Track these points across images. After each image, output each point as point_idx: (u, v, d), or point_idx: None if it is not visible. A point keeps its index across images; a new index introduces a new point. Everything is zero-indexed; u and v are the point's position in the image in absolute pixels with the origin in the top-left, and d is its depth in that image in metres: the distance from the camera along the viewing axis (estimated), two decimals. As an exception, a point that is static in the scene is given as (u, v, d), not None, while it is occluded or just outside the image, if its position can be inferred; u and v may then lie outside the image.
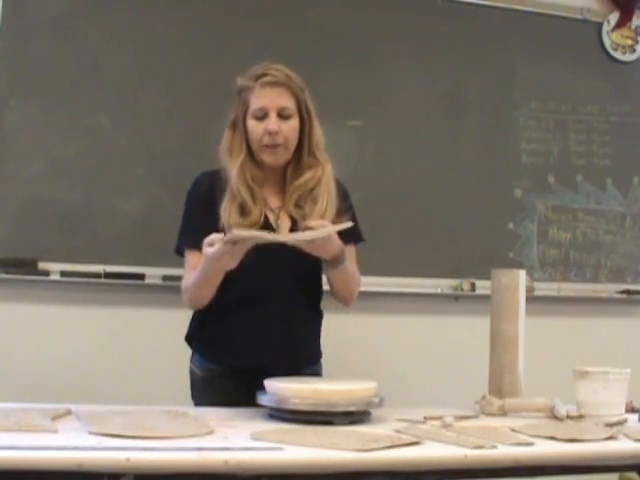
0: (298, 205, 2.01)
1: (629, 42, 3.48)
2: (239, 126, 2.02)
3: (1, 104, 2.75)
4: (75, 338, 2.80)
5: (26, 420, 1.48)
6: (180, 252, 2.05)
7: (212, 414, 1.71)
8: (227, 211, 1.95)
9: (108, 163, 2.84)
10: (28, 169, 2.76)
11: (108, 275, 2.77)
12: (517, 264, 3.17)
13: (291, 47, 3.03)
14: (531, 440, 1.54)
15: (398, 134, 3.18)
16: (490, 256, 3.17)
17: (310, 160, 2.04)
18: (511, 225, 3.30)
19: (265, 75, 1.98)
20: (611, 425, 1.71)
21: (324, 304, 2.16)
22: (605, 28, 3.45)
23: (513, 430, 1.65)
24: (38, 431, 1.41)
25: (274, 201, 2.04)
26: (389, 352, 3.09)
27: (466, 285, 3.18)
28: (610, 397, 1.86)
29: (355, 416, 1.68)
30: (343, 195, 2.09)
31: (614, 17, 3.46)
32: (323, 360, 2.16)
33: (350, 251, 2.07)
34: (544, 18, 3.37)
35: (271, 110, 1.97)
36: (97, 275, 2.77)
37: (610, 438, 1.60)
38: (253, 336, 1.99)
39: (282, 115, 1.98)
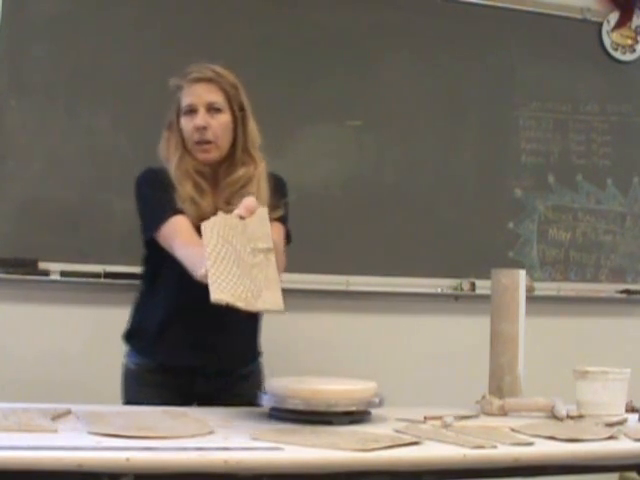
0: (228, 202, 1.99)
1: (629, 42, 3.48)
2: (174, 126, 2.05)
3: (1, 104, 2.75)
4: (75, 338, 2.80)
5: (26, 420, 1.48)
6: (152, 235, 1.97)
7: (212, 414, 1.71)
8: (180, 200, 1.95)
9: (108, 163, 2.84)
10: (28, 169, 2.77)
11: (108, 275, 2.77)
12: (517, 264, 3.16)
13: (291, 47, 3.04)
14: (531, 440, 1.54)
15: (398, 134, 3.18)
16: (490, 256, 3.17)
17: (244, 157, 2.04)
18: (511, 225, 3.30)
19: (193, 72, 2.03)
20: (611, 425, 1.71)
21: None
22: (605, 28, 3.45)
23: (513, 430, 1.65)
24: (38, 431, 1.41)
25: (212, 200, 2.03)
26: (389, 352, 3.09)
27: (466, 285, 3.18)
28: (610, 397, 1.86)
29: (355, 416, 1.68)
30: (280, 192, 2.09)
31: (614, 17, 3.46)
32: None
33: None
34: (544, 18, 3.37)
35: (199, 106, 2.00)
36: (97, 275, 2.77)
37: (610, 438, 1.60)
38: (189, 337, 2.01)
39: (211, 110, 1.99)
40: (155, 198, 2.00)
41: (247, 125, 2.05)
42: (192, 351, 2.01)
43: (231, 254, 1.63)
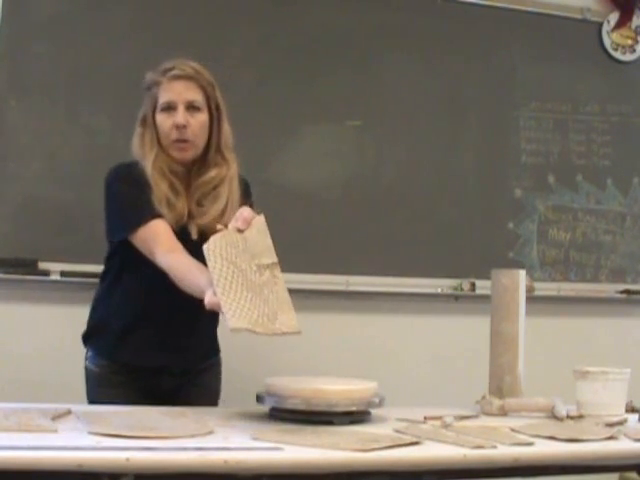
0: (199, 203, 1.98)
1: (629, 42, 3.48)
2: (149, 122, 2.02)
3: (1, 104, 2.75)
4: (75, 338, 2.79)
5: (26, 420, 1.48)
6: (127, 235, 1.93)
7: (212, 414, 1.71)
8: (157, 200, 1.92)
9: (108, 163, 2.82)
10: (28, 169, 2.76)
11: (108, 275, 2.76)
12: (517, 264, 3.16)
13: (291, 47, 3.04)
14: (531, 440, 1.54)
15: (398, 134, 3.18)
16: (490, 256, 3.16)
17: (217, 158, 2.02)
18: (511, 225, 3.30)
19: (173, 69, 1.99)
20: (611, 425, 1.71)
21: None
22: (605, 28, 3.44)
23: (513, 430, 1.65)
24: (38, 431, 1.41)
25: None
26: (389, 352, 3.09)
27: (466, 285, 3.18)
28: (610, 397, 1.87)
29: (355, 416, 1.68)
30: (245, 193, 2.08)
31: (614, 17, 3.46)
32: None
33: None
34: (544, 18, 3.36)
35: (179, 103, 1.97)
36: (97, 275, 2.75)
37: (610, 438, 1.60)
38: (156, 338, 2.00)
39: (191, 108, 1.97)
40: (130, 197, 1.96)
41: (222, 125, 2.03)
42: (159, 352, 2.00)
43: (238, 276, 1.60)
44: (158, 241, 1.88)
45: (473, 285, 3.17)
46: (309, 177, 3.04)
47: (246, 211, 1.71)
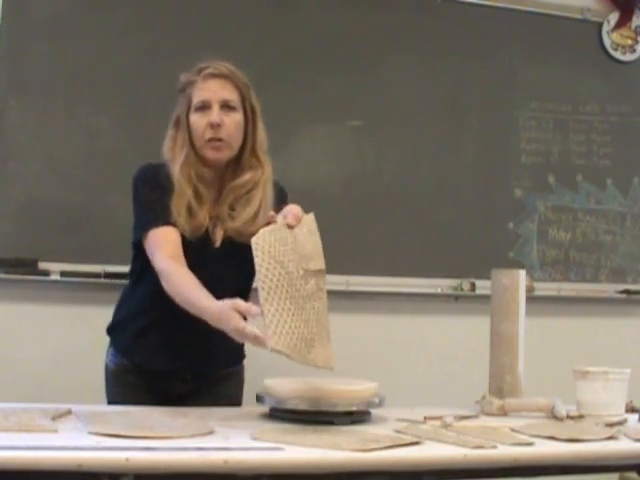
0: (232, 207, 1.94)
1: (629, 42, 3.48)
2: (182, 123, 1.96)
3: (1, 104, 2.75)
4: (75, 338, 2.80)
5: (26, 420, 1.48)
6: (139, 237, 1.92)
7: (212, 414, 1.71)
8: (177, 208, 1.89)
9: (108, 163, 2.84)
10: (28, 169, 2.76)
11: (108, 275, 2.76)
12: (517, 264, 3.16)
13: (291, 47, 3.04)
14: (531, 440, 1.54)
15: (398, 134, 3.18)
16: (490, 256, 3.16)
17: (251, 161, 1.97)
18: (511, 225, 3.30)
19: (208, 68, 1.95)
20: (611, 425, 1.71)
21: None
22: (605, 28, 3.45)
23: (513, 430, 1.65)
24: (38, 431, 1.41)
25: (212, 208, 1.96)
26: (389, 352, 3.09)
27: (466, 285, 3.18)
28: (610, 397, 1.87)
29: (355, 416, 1.68)
30: (279, 198, 2.01)
31: (614, 17, 3.46)
32: None
33: None
34: (544, 18, 3.37)
35: (214, 102, 1.91)
36: (97, 275, 2.77)
37: (610, 438, 1.59)
38: (168, 342, 1.96)
39: (225, 108, 1.92)
40: (150, 200, 1.93)
41: (257, 127, 1.99)
42: (168, 357, 1.97)
43: (284, 280, 1.56)
44: (162, 246, 1.86)
45: (473, 285, 3.17)
46: (309, 177, 3.04)
47: (296, 207, 1.68)
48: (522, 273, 2.07)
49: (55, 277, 2.75)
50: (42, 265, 2.74)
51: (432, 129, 3.22)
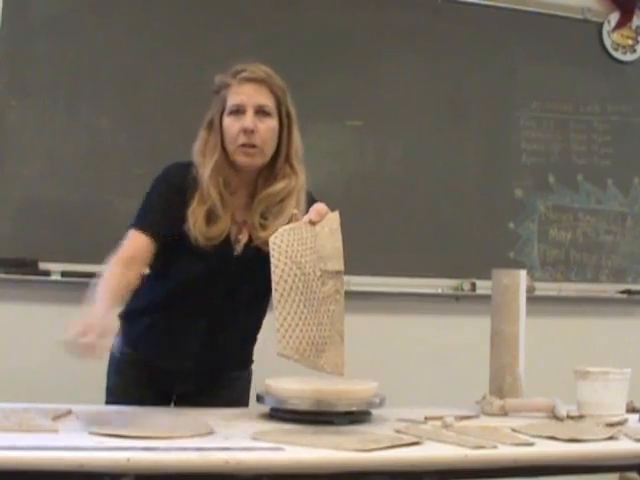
0: (263, 215, 1.88)
1: (629, 42, 3.48)
2: (215, 126, 1.90)
3: (1, 104, 2.75)
4: (75, 338, 2.79)
5: (26, 420, 1.48)
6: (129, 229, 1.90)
7: (212, 414, 1.71)
8: (195, 214, 1.84)
9: (108, 163, 2.84)
10: (28, 169, 2.77)
11: (108, 275, 2.76)
12: (518, 264, 3.16)
13: (291, 47, 3.04)
14: (531, 440, 1.54)
15: (398, 134, 3.18)
16: (491, 256, 3.16)
17: (285, 169, 1.91)
18: (512, 225, 3.30)
19: (244, 71, 1.89)
20: (611, 425, 1.71)
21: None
22: (606, 28, 3.45)
23: (513, 430, 1.65)
24: (39, 431, 1.41)
25: (239, 214, 1.90)
26: (389, 352, 3.09)
27: (466, 285, 3.18)
28: (610, 397, 1.86)
29: (356, 416, 1.68)
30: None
31: (614, 17, 3.46)
32: None
33: None
34: (544, 18, 3.37)
35: (248, 107, 1.85)
36: (97, 275, 2.76)
37: (610, 438, 1.59)
38: (173, 341, 1.95)
39: (260, 113, 1.86)
40: (151, 204, 1.91)
41: (292, 133, 1.94)
42: (175, 355, 1.95)
43: (299, 282, 1.55)
44: (124, 247, 1.84)
45: (473, 285, 3.17)
46: (309, 177, 3.02)
47: (321, 204, 1.66)
48: (523, 273, 2.07)
49: (56, 277, 2.75)
50: (42, 265, 2.74)
51: (432, 129, 3.22)
